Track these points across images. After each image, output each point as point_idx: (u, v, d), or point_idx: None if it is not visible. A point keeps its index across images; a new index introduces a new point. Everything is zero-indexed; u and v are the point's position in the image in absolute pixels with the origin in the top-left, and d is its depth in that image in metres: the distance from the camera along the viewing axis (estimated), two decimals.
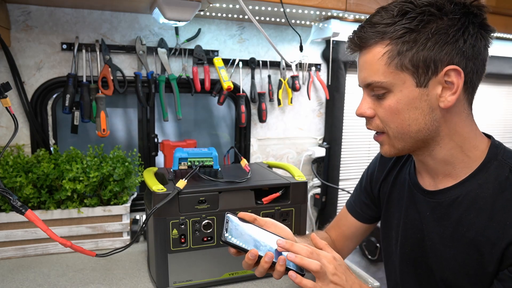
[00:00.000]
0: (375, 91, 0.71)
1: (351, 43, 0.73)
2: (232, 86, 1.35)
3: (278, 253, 0.70)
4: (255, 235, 0.73)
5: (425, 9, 0.65)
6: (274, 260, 0.68)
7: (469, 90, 0.70)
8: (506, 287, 0.65)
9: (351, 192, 1.05)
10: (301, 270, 0.69)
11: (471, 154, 0.72)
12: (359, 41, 0.71)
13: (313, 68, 1.56)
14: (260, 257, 0.68)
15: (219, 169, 0.99)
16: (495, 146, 0.73)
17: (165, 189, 0.86)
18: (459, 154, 0.72)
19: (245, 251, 0.69)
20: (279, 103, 1.51)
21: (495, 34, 0.71)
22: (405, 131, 0.71)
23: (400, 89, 0.68)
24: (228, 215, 0.74)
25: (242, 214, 0.77)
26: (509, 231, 0.64)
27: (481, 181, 0.70)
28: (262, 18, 1.38)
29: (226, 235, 0.70)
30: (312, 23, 1.46)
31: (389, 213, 0.89)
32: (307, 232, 1.18)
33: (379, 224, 0.98)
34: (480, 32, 0.67)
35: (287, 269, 0.68)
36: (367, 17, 0.71)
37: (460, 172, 0.73)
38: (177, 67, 1.36)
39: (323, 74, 1.60)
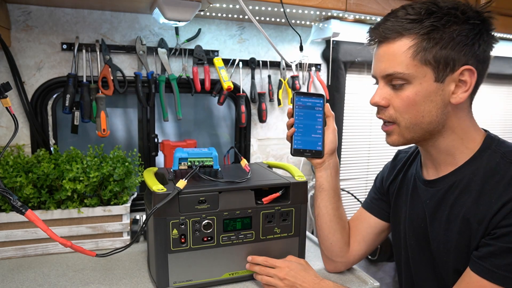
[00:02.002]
0: (394, 81, 0.75)
1: (374, 33, 0.76)
2: (232, 86, 1.35)
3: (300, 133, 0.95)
4: (310, 116, 0.95)
5: (451, 11, 0.70)
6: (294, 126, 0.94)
7: (474, 89, 0.76)
8: (481, 252, 0.70)
9: (351, 192, 1.07)
10: (294, 152, 0.94)
11: (469, 145, 0.78)
12: (385, 33, 0.74)
13: (313, 68, 1.56)
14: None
15: (219, 169, 0.99)
16: (490, 138, 0.79)
17: (165, 189, 0.86)
18: (459, 145, 0.78)
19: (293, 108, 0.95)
20: (279, 103, 1.51)
21: (495, 34, 0.76)
22: (418, 122, 0.76)
23: (420, 82, 0.73)
24: (323, 97, 0.97)
25: (326, 105, 0.95)
26: (493, 207, 0.69)
27: (475, 167, 0.76)
28: (262, 18, 1.38)
29: (301, 96, 0.95)
30: (312, 23, 1.46)
31: (397, 209, 0.94)
32: (307, 233, 1.18)
33: None
34: (490, 40, 0.74)
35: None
36: (367, 17, 0.73)
37: (459, 161, 0.79)
38: (177, 67, 1.36)
39: (323, 74, 1.60)
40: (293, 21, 1.43)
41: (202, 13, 1.29)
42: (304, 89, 1.55)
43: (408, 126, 0.77)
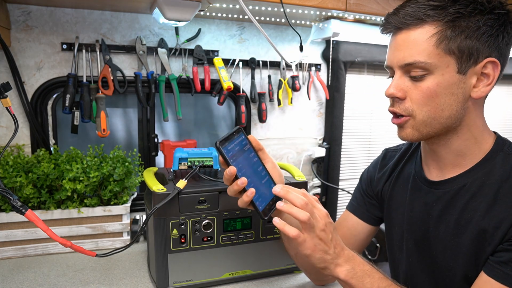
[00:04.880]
0: (413, 72, 0.69)
1: (392, 20, 0.70)
2: (232, 86, 1.35)
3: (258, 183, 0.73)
4: (247, 161, 0.74)
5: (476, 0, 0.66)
6: (246, 188, 0.70)
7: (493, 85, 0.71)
8: (500, 257, 0.66)
9: (351, 192, 1.04)
10: (265, 215, 0.70)
11: (482, 146, 0.74)
12: (405, 19, 0.68)
13: (313, 68, 1.56)
14: (237, 178, 0.70)
15: (219, 169, 0.99)
16: (501, 139, 0.76)
17: (165, 189, 0.86)
18: (472, 145, 0.74)
19: (228, 164, 0.69)
20: (279, 103, 1.51)
21: None
22: (436, 116, 0.70)
23: (442, 72, 0.68)
24: (241, 131, 0.75)
25: (252, 138, 0.77)
26: (511, 213, 0.65)
27: (488, 169, 0.72)
28: (262, 18, 1.38)
29: (226, 144, 0.70)
30: (312, 23, 1.46)
31: (391, 211, 0.89)
32: None
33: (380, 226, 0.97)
34: None
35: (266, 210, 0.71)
36: (367, 17, 0.71)
37: (469, 162, 0.74)
38: (177, 67, 1.36)
39: (323, 74, 1.60)
40: (293, 21, 1.43)
41: (202, 13, 1.29)
42: (304, 89, 1.55)
43: (425, 120, 0.71)
